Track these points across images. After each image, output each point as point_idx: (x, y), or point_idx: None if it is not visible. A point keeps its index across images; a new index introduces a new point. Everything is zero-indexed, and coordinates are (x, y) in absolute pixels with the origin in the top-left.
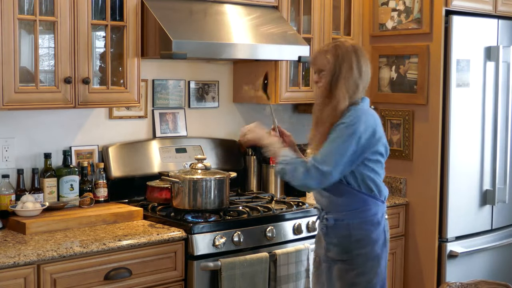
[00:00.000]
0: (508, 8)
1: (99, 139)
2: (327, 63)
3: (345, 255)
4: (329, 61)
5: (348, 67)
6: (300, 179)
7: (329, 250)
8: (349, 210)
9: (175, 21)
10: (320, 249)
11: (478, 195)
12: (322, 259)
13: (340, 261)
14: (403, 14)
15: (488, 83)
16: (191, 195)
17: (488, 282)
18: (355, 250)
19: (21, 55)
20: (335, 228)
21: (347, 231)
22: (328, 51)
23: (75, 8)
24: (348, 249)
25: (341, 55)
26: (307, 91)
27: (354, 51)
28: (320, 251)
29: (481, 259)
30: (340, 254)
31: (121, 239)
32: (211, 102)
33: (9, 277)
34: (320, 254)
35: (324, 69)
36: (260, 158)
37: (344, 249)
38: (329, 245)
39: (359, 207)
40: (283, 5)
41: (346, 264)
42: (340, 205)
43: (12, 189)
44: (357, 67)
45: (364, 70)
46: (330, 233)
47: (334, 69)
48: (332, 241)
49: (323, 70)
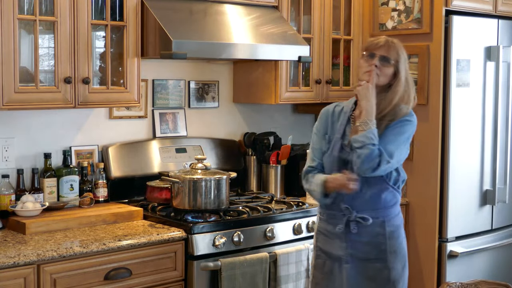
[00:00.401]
0: (508, 8)
1: (99, 139)
2: (398, 56)
3: (379, 253)
4: (399, 54)
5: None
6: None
7: (357, 249)
8: (385, 207)
9: (175, 21)
10: (340, 250)
11: (478, 195)
12: (344, 260)
13: (374, 259)
14: (403, 14)
15: (488, 83)
16: (191, 195)
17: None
18: (389, 247)
19: (21, 55)
20: (369, 227)
21: (381, 228)
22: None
23: (75, 8)
24: (382, 246)
25: (402, 56)
26: (307, 91)
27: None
28: (339, 252)
29: (481, 259)
30: (372, 252)
31: (121, 239)
32: (211, 102)
33: (9, 277)
34: (340, 255)
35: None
36: (260, 158)
37: (377, 247)
38: (358, 244)
39: (393, 203)
40: (283, 5)
41: (379, 262)
42: (378, 202)
43: (12, 189)
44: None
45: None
46: (362, 232)
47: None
48: (363, 240)
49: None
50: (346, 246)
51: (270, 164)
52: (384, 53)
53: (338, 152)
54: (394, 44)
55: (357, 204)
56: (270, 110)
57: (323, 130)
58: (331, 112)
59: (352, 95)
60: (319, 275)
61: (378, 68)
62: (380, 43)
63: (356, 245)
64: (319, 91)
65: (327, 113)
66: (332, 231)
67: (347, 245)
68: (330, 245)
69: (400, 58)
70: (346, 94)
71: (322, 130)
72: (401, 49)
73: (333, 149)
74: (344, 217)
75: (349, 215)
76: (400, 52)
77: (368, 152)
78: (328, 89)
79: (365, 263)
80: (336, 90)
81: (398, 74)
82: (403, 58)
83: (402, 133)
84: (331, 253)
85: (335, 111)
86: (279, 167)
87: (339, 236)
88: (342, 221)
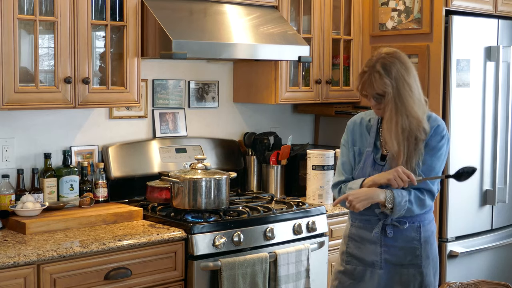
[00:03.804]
0: (508, 8)
1: (99, 139)
2: (387, 87)
3: (413, 259)
4: (387, 84)
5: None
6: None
7: (392, 254)
8: (421, 213)
9: (175, 21)
10: (374, 255)
11: (478, 195)
12: (378, 266)
13: (408, 264)
14: (403, 14)
15: (488, 83)
16: (191, 195)
17: (488, 282)
18: (423, 253)
19: (21, 55)
20: (405, 231)
21: (417, 233)
22: (379, 72)
23: (75, 8)
24: (417, 252)
25: (394, 74)
26: (307, 91)
27: (399, 62)
28: (373, 257)
29: (481, 259)
30: (407, 257)
31: (121, 239)
32: (211, 102)
33: (9, 277)
34: (373, 260)
35: (384, 94)
36: (260, 158)
37: (412, 252)
38: (392, 249)
39: (428, 209)
40: (283, 5)
41: (413, 268)
42: None
43: (12, 189)
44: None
45: (414, 74)
46: (397, 236)
47: (393, 92)
48: (398, 244)
49: (382, 95)
50: (380, 251)
51: (270, 164)
52: (372, 90)
53: (371, 166)
54: (375, 68)
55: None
56: (270, 110)
57: (351, 142)
58: (359, 123)
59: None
60: (347, 280)
61: (379, 106)
62: (363, 78)
63: (391, 250)
64: (319, 91)
65: (353, 124)
66: (366, 236)
67: (381, 250)
68: (362, 251)
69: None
70: (346, 94)
71: (351, 141)
72: (387, 66)
73: (365, 163)
74: (380, 222)
75: (385, 219)
76: (385, 78)
77: (412, 209)
78: (328, 89)
79: (399, 268)
80: (336, 90)
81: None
82: (394, 73)
83: (438, 155)
84: (364, 259)
85: (362, 122)
86: (279, 167)
87: (374, 241)
88: (378, 225)
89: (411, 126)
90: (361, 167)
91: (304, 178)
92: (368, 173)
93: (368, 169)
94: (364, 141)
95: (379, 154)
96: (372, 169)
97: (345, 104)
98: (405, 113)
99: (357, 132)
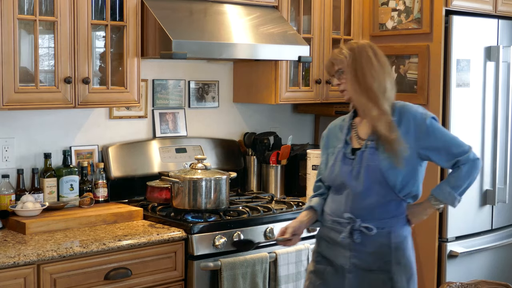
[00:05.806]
0: (508, 8)
1: (99, 139)
2: (345, 58)
3: (383, 264)
4: (344, 53)
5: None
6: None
7: (361, 259)
8: (392, 217)
9: (175, 21)
10: (343, 259)
11: (478, 195)
12: (347, 270)
13: (377, 270)
14: (403, 14)
15: (488, 83)
16: (191, 195)
17: (488, 282)
18: (394, 259)
19: (21, 55)
20: (374, 237)
21: (387, 239)
22: (342, 49)
23: (75, 8)
24: (386, 258)
25: (356, 49)
26: (307, 91)
27: (369, 46)
28: (342, 261)
29: (481, 259)
30: (376, 263)
31: (121, 239)
32: (211, 102)
33: (9, 277)
34: (342, 264)
35: (343, 66)
36: (260, 158)
37: (382, 258)
38: (362, 254)
39: (399, 213)
40: (283, 5)
41: (383, 274)
42: (383, 212)
43: (12, 189)
44: (376, 58)
45: (384, 61)
46: (366, 242)
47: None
48: (367, 250)
49: (341, 68)
50: (350, 255)
51: (270, 164)
52: (332, 65)
53: (341, 161)
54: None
55: (362, 213)
56: (270, 110)
57: (325, 145)
58: (333, 126)
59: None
60: (316, 280)
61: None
62: (328, 65)
63: (360, 255)
64: (319, 91)
65: (328, 130)
66: (336, 239)
67: (351, 254)
68: (333, 252)
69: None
70: None
71: (325, 145)
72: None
73: (336, 159)
74: (348, 225)
75: (353, 223)
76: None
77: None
78: (328, 89)
79: (368, 273)
80: (336, 90)
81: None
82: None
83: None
84: (333, 261)
85: (337, 123)
86: (279, 167)
87: (343, 245)
88: (347, 229)
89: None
90: (331, 163)
91: (304, 178)
92: (338, 169)
93: (337, 164)
94: (336, 141)
95: (349, 149)
96: (342, 163)
97: (345, 104)
98: (365, 87)
99: (332, 134)
